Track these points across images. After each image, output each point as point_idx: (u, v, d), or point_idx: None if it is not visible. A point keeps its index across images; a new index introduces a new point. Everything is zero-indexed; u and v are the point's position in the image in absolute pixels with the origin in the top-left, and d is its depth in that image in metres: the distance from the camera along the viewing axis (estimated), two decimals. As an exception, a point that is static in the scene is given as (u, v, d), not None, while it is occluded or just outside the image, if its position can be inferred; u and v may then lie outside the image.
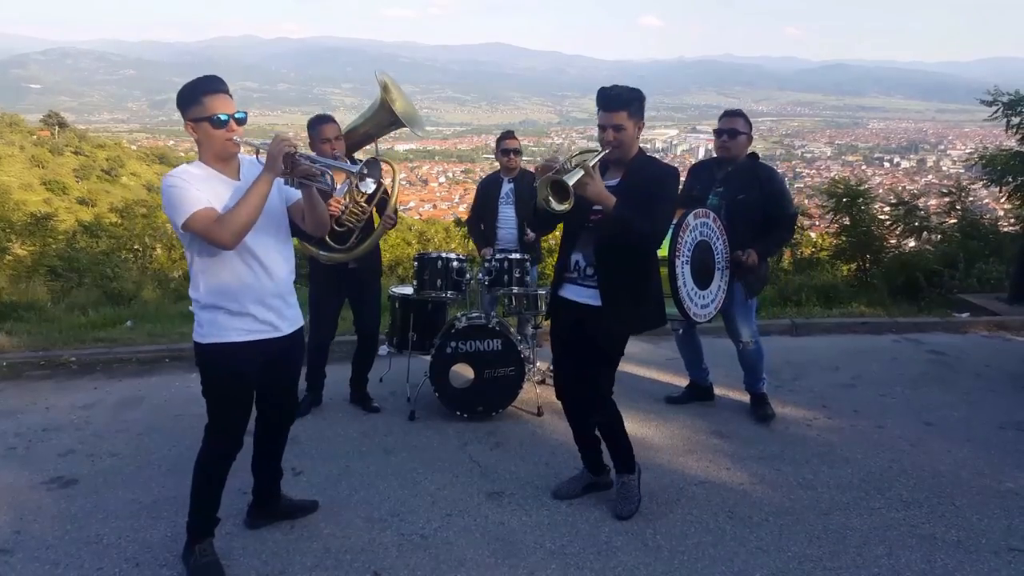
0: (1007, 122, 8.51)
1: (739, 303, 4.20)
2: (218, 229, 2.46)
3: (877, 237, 9.26)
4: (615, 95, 2.97)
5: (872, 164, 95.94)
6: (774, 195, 4.13)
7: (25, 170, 45.87)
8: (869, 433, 4.19)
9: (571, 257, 3.15)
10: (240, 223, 2.48)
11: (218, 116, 2.52)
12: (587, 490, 3.41)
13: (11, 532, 3.11)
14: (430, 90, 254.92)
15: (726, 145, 4.15)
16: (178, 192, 2.48)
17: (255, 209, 2.51)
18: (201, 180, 2.55)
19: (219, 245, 2.50)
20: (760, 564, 2.86)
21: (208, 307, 2.62)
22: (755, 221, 4.07)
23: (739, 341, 4.32)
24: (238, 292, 2.63)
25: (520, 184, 5.15)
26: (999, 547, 2.98)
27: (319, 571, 2.82)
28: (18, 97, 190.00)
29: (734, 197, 4.09)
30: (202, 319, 2.64)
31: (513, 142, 5.22)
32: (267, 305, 2.70)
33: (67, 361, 5.56)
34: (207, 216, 2.47)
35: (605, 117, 2.98)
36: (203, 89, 2.54)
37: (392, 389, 4.84)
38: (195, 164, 2.62)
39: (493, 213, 5.18)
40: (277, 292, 2.75)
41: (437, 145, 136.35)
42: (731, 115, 4.23)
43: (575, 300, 3.13)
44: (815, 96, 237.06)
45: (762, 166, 4.27)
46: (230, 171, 2.65)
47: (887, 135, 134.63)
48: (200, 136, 2.57)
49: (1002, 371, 5.34)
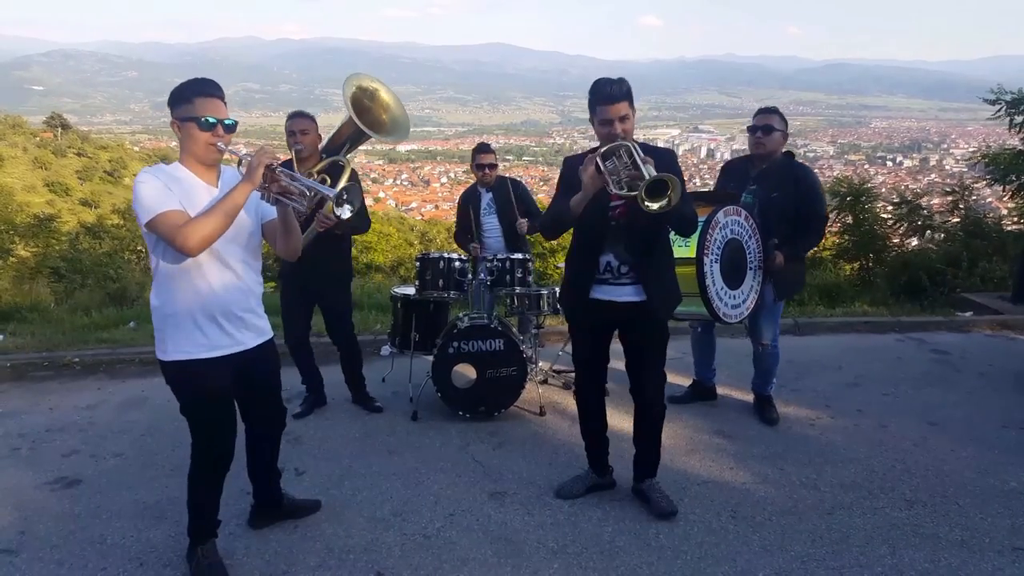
0: (1010, 121, 8.48)
1: (767, 304, 4.14)
2: (183, 234, 2.33)
3: (880, 236, 9.25)
4: (616, 86, 2.90)
5: (875, 163, 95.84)
6: (808, 194, 4.05)
7: (28, 172, 45.94)
8: (872, 432, 4.18)
9: (600, 260, 3.06)
10: (208, 230, 2.36)
11: (206, 118, 2.44)
12: (590, 491, 3.41)
13: (16, 532, 3.12)
14: (432, 90, 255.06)
15: (761, 141, 4.07)
16: (147, 189, 2.38)
17: (227, 218, 2.40)
18: (175, 181, 2.47)
19: (182, 251, 2.37)
20: (763, 564, 2.86)
21: (170, 316, 2.52)
22: (788, 220, 3.99)
23: (760, 343, 4.29)
24: (205, 301, 2.53)
25: (499, 192, 5.19)
26: (1003, 546, 2.97)
27: (322, 571, 2.82)
28: (21, 99, 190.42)
29: (768, 195, 4.02)
30: (164, 332, 2.54)
31: (488, 156, 5.19)
32: (234, 316, 2.61)
33: (70, 362, 5.58)
34: (173, 219, 2.36)
35: (612, 110, 2.88)
36: (196, 90, 2.47)
37: (394, 389, 4.85)
38: (173, 164, 2.54)
39: (477, 225, 5.20)
40: (245, 304, 2.66)
41: (439, 146, 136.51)
42: (766, 112, 4.15)
43: (615, 300, 3.07)
44: (817, 95, 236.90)
45: (798, 165, 4.19)
46: (209, 177, 2.56)
47: (890, 134, 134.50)
48: (183, 136, 2.48)
49: (1006, 370, 5.33)
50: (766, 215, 3.99)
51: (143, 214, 2.38)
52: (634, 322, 3.11)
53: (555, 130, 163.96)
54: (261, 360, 2.76)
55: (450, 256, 4.56)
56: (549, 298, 4.63)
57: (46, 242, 12.77)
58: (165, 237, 2.38)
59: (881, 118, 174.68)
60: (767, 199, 4.03)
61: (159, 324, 2.56)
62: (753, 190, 4.08)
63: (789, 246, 4.02)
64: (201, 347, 2.55)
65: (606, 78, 2.95)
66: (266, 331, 2.79)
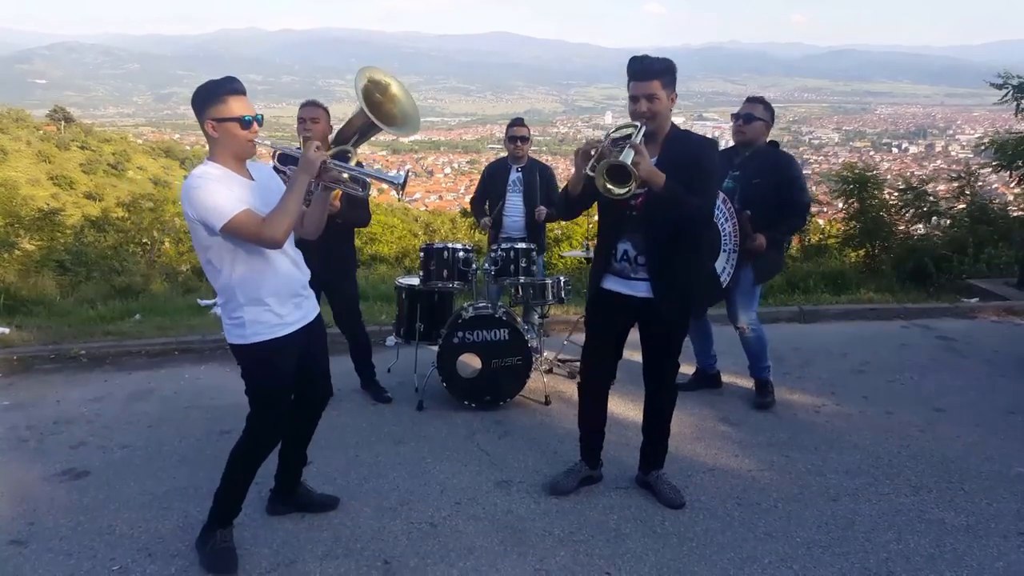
0: (1017, 105, 8.42)
1: (743, 288, 4.21)
2: (268, 229, 2.49)
3: (886, 223, 9.21)
4: (648, 63, 2.85)
5: (880, 150, 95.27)
6: (788, 182, 4.12)
7: (32, 165, 45.98)
8: (878, 419, 4.18)
9: (618, 247, 3.02)
10: (289, 222, 2.53)
11: (246, 117, 2.55)
12: (583, 483, 3.38)
13: (25, 524, 3.14)
14: (434, 80, 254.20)
15: (741, 129, 4.17)
16: (210, 195, 2.47)
17: (298, 208, 2.58)
18: (224, 181, 2.56)
19: (269, 245, 2.55)
20: (769, 550, 2.87)
21: (247, 305, 2.64)
22: (769, 206, 4.04)
23: (736, 326, 4.33)
24: (278, 287, 2.68)
25: (529, 173, 5.11)
26: (1008, 531, 2.98)
27: (329, 560, 2.84)
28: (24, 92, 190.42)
29: (749, 181, 4.10)
30: (242, 319, 2.65)
31: (522, 129, 5.14)
32: (299, 295, 2.79)
33: (77, 354, 5.59)
34: (251, 218, 2.49)
35: (638, 87, 2.84)
36: (227, 89, 2.55)
37: (400, 379, 4.86)
38: (212, 164, 2.60)
39: (500, 200, 5.11)
40: (304, 283, 2.84)
41: (442, 136, 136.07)
42: (751, 101, 4.25)
43: (627, 294, 3.04)
44: (822, 82, 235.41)
45: (781, 153, 4.26)
46: (244, 172, 2.67)
47: (895, 120, 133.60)
48: (222, 136, 2.56)
49: (1011, 356, 5.31)
50: (747, 201, 4.07)
51: (216, 219, 2.46)
52: (644, 318, 3.09)
53: (559, 119, 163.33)
54: (320, 332, 2.94)
55: (454, 246, 4.55)
56: (554, 287, 4.63)
57: (51, 235, 12.77)
58: (248, 237, 2.52)
59: (886, 104, 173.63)
60: (748, 185, 4.10)
61: (236, 314, 2.66)
62: (735, 176, 4.16)
63: (772, 230, 4.08)
64: (282, 326, 2.70)
65: (641, 55, 2.91)
66: (317, 306, 2.96)
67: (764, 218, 4.05)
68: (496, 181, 5.19)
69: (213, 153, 2.62)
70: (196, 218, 2.51)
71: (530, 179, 5.09)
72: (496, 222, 5.13)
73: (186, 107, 2.72)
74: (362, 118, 4.12)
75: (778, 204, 4.08)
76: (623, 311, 3.10)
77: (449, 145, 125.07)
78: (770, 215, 4.06)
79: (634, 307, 3.05)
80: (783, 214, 4.11)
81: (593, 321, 3.23)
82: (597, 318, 3.20)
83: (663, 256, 2.96)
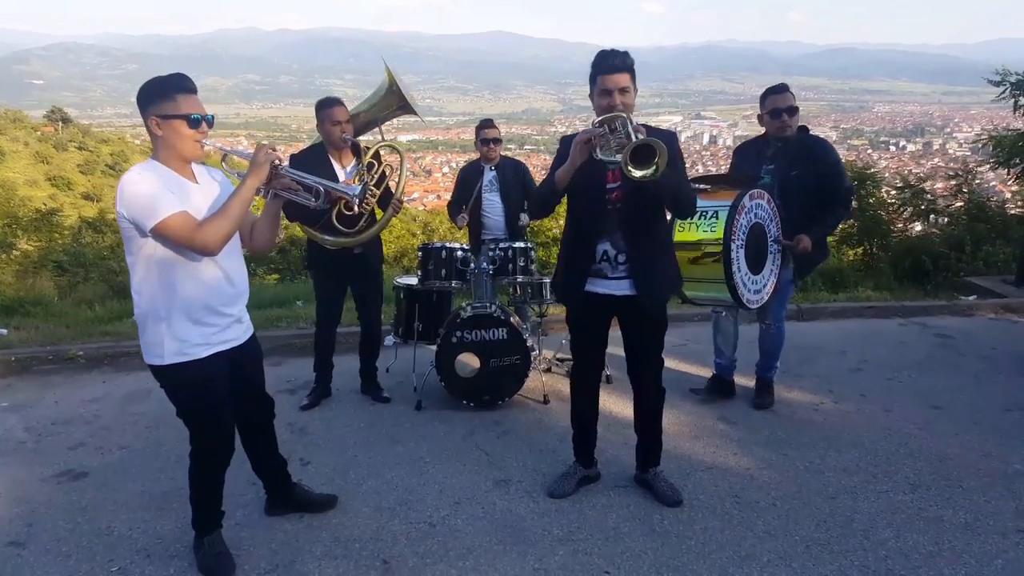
0: (1015, 103, 8.43)
1: (781, 285, 3.98)
2: (203, 236, 2.34)
3: (884, 221, 9.22)
4: (620, 56, 2.83)
5: (878, 148, 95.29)
6: (829, 168, 3.89)
7: (30, 166, 45.90)
8: (876, 417, 4.18)
9: (598, 248, 3.00)
10: (227, 229, 2.39)
11: (194, 115, 2.41)
12: (580, 484, 3.38)
13: (23, 525, 3.14)
14: (433, 80, 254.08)
15: (788, 124, 3.86)
16: (146, 193, 2.32)
17: (241, 215, 2.44)
18: (162, 181, 2.41)
19: (203, 251, 2.38)
20: (767, 548, 2.87)
21: (166, 319, 2.46)
22: (811, 198, 3.84)
23: (765, 320, 4.22)
24: (205, 299, 2.51)
25: (504, 171, 5.11)
26: (1007, 529, 2.98)
27: (328, 560, 2.84)
28: (21, 93, 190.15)
29: (787, 174, 3.88)
30: (159, 336, 2.47)
31: (493, 131, 5.09)
32: (229, 314, 2.62)
33: (75, 355, 5.59)
34: (186, 221, 2.34)
35: (610, 81, 2.80)
36: (178, 86, 2.42)
37: (398, 379, 4.86)
38: (151, 164, 2.45)
39: (478, 202, 5.11)
40: (238, 299, 2.68)
41: (440, 135, 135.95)
42: (780, 91, 3.91)
43: (612, 294, 3.02)
44: (820, 80, 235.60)
45: (815, 139, 4.03)
46: (188, 173, 2.53)
47: (893, 118, 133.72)
48: (166, 134, 2.41)
49: (1009, 353, 5.32)
50: (787, 195, 3.86)
51: (147, 218, 2.31)
52: (631, 315, 3.09)
53: (557, 118, 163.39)
54: (252, 350, 2.79)
55: (452, 246, 4.55)
56: (550, 289, 4.63)
57: (49, 236, 12.78)
58: (180, 240, 2.35)
59: (884, 102, 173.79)
60: (786, 178, 3.89)
61: (154, 329, 2.49)
62: (770, 170, 3.95)
63: (817, 226, 3.89)
64: (204, 347, 2.54)
65: (609, 49, 2.87)
66: (250, 326, 2.81)
67: (807, 211, 3.85)
68: (471, 183, 5.17)
69: (156, 152, 2.48)
70: (128, 217, 2.35)
71: (505, 177, 5.09)
72: (476, 222, 5.13)
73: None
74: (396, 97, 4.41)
75: (819, 194, 3.86)
76: (606, 309, 3.11)
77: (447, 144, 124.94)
78: (812, 207, 3.87)
79: (615, 304, 3.06)
80: (826, 204, 3.90)
81: (578, 323, 3.23)
82: (582, 320, 3.21)
83: (642, 252, 2.97)
